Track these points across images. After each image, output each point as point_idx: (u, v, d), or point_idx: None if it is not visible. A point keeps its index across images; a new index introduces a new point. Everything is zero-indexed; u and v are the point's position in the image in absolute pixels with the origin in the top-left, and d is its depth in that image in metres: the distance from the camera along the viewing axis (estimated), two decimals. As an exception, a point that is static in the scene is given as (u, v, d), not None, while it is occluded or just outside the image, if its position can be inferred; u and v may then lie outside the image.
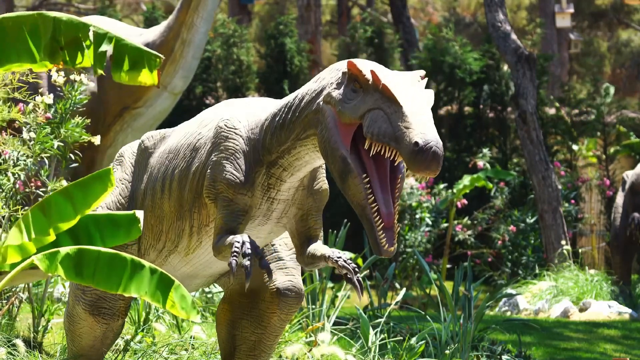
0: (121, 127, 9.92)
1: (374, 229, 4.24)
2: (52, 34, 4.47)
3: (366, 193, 4.24)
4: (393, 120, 4.10)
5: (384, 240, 4.24)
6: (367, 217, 4.25)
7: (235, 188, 4.61)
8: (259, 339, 5.22)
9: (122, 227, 4.51)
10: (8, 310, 6.66)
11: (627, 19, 31.54)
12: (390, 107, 4.14)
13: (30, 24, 4.47)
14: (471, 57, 16.27)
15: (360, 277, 4.53)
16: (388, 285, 9.03)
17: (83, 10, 28.12)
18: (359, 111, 4.22)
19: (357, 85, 4.28)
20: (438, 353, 6.95)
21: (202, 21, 9.70)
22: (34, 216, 4.32)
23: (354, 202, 4.29)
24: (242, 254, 4.39)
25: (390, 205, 4.27)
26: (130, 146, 5.41)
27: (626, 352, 9.07)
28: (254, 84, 16.20)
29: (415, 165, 4.03)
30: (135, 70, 4.57)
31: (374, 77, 4.21)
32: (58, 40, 4.48)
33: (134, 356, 6.25)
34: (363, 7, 27.58)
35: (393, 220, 4.26)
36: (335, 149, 4.28)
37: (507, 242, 13.86)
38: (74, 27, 4.49)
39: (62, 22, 4.47)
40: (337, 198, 15.22)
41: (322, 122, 4.36)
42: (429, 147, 4.01)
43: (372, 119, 4.17)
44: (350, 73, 4.30)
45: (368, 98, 4.22)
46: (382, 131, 4.12)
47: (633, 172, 12.31)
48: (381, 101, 4.17)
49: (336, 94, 4.33)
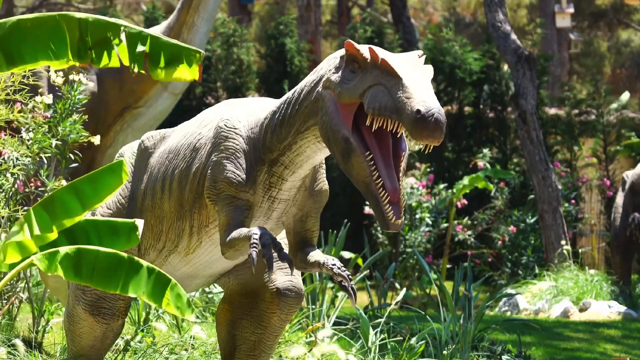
0: (121, 127, 9.93)
1: (379, 204, 4.23)
2: (79, 35, 4.47)
3: (370, 170, 4.23)
4: (393, 92, 4.11)
5: (390, 213, 4.22)
6: (373, 193, 4.24)
7: (237, 187, 4.60)
8: (259, 339, 5.22)
9: (121, 234, 4.51)
10: (8, 310, 6.66)
11: (627, 19, 31.55)
12: (390, 81, 4.14)
13: (51, 25, 4.47)
14: (471, 57, 16.27)
15: (354, 284, 4.52)
16: (388, 285, 9.02)
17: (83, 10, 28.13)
18: (358, 90, 4.23)
19: (355, 65, 4.28)
20: (438, 353, 6.95)
21: (202, 21, 9.70)
22: (37, 214, 4.32)
23: (358, 181, 4.27)
24: (261, 244, 4.38)
25: (395, 180, 4.27)
26: (130, 146, 5.41)
27: (626, 352, 9.07)
28: (254, 84, 16.19)
29: (418, 133, 4.02)
30: (172, 66, 4.56)
31: (372, 54, 4.22)
32: (86, 41, 4.48)
33: (134, 356, 6.25)
34: (363, 7, 27.58)
35: (399, 195, 4.25)
36: (336, 131, 4.28)
37: (507, 242, 13.86)
38: (102, 27, 4.50)
39: (89, 23, 4.48)
40: (337, 198, 15.23)
41: (322, 107, 4.36)
42: (431, 113, 4.00)
43: (372, 95, 4.17)
44: (348, 54, 4.31)
45: (367, 76, 4.22)
46: (383, 105, 4.11)
47: (633, 172, 12.31)
48: (381, 76, 4.17)
49: (335, 78, 4.34)
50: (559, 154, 16.19)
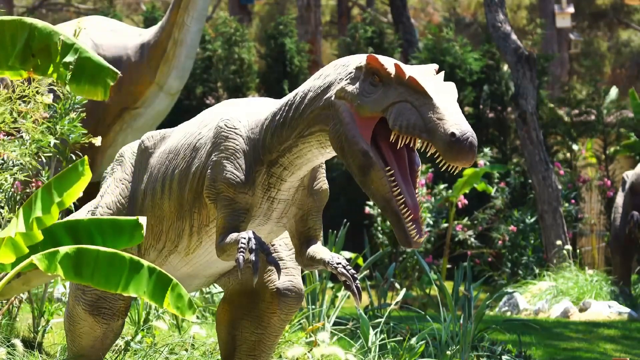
0: (121, 127, 9.92)
1: (401, 221, 4.23)
2: (26, 41, 4.47)
3: (391, 186, 4.22)
4: (423, 111, 4.09)
5: (414, 231, 4.23)
6: (394, 209, 4.23)
7: (236, 187, 4.60)
8: (259, 339, 5.22)
9: (125, 232, 4.51)
10: (8, 310, 6.66)
11: (627, 19, 31.55)
12: (418, 100, 4.12)
13: (11, 31, 4.47)
14: (471, 57, 16.26)
15: (359, 283, 4.52)
16: (388, 285, 9.02)
17: (83, 11, 28.11)
18: (381, 105, 4.20)
19: (376, 79, 4.26)
20: (438, 353, 6.95)
21: (192, 20, 9.70)
22: (24, 212, 4.33)
23: (377, 196, 4.26)
24: (248, 249, 4.39)
25: (415, 196, 4.27)
26: (130, 146, 5.40)
27: (626, 352, 9.07)
28: (255, 84, 16.19)
29: (453, 155, 4.02)
30: (92, 84, 4.59)
31: (398, 70, 4.20)
32: (31, 47, 4.48)
33: (134, 356, 6.24)
34: (363, 7, 27.58)
35: (419, 212, 4.26)
36: (354, 143, 4.26)
37: (507, 242, 13.86)
38: (46, 35, 4.49)
39: (36, 29, 4.48)
40: (337, 198, 15.22)
41: (335, 117, 4.33)
42: (466, 137, 4.01)
43: (398, 112, 4.15)
44: (369, 67, 4.28)
45: (391, 91, 4.20)
46: (412, 123, 4.10)
47: (633, 172, 12.31)
48: (407, 94, 4.15)
49: (352, 89, 4.30)
50: (559, 154, 16.18)
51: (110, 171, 5.41)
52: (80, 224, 4.52)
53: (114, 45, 9.88)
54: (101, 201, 5.29)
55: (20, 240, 4.29)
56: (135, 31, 10.17)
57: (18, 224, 4.29)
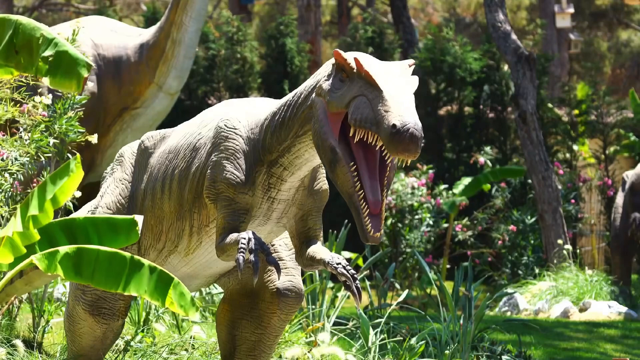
0: (121, 127, 9.93)
1: (360, 215, 4.26)
2: (9, 38, 4.48)
3: (353, 181, 4.26)
4: (374, 105, 4.14)
5: (369, 226, 4.25)
6: (355, 204, 4.27)
7: (236, 188, 4.61)
8: (259, 339, 5.22)
9: (121, 231, 4.51)
10: (8, 310, 6.66)
11: (627, 19, 31.54)
12: (372, 93, 4.17)
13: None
14: (471, 57, 16.25)
15: (359, 284, 4.52)
16: (388, 285, 9.02)
17: (83, 10, 28.10)
18: (345, 100, 4.25)
19: (344, 74, 4.30)
20: (438, 353, 6.95)
21: (191, 20, 9.71)
22: (21, 211, 4.33)
23: (342, 191, 4.31)
24: (248, 250, 4.39)
25: (378, 192, 4.28)
26: (130, 146, 5.41)
27: (626, 352, 9.07)
28: (257, 84, 16.18)
29: (393, 147, 4.05)
30: (66, 76, 4.59)
31: (357, 64, 4.24)
32: (14, 44, 4.50)
33: (134, 356, 6.24)
34: (363, 7, 27.57)
35: (380, 208, 4.28)
36: (324, 140, 4.31)
37: (507, 242, 13.85)
38: (29, 31, 4.50)
39: (20, 26, 4.50)
40: (337, 198, 15.21)
41: (314, 114, 4.39)
42: (407, 128, 4.03)
43: (355, 106, 4.20)
44: (337, 63, 4.34)
45: (353, 86, 4.25)
46: (364, 117, 4.15)
47: (633, 172, 12.31)
48: (364, 88, 4.20)
49: (326, 85, 4.36)
50: (559, 154, 16.18)
51: (110, 171, 5.42)
52: (76, 223, 4.52)
53: (114, 45, 9.88)
54: (101, 201, 5.29)
55: (18, 240, 4.29)
56: (135, 31, 10.17)
57: (16, 223, 4.29)
